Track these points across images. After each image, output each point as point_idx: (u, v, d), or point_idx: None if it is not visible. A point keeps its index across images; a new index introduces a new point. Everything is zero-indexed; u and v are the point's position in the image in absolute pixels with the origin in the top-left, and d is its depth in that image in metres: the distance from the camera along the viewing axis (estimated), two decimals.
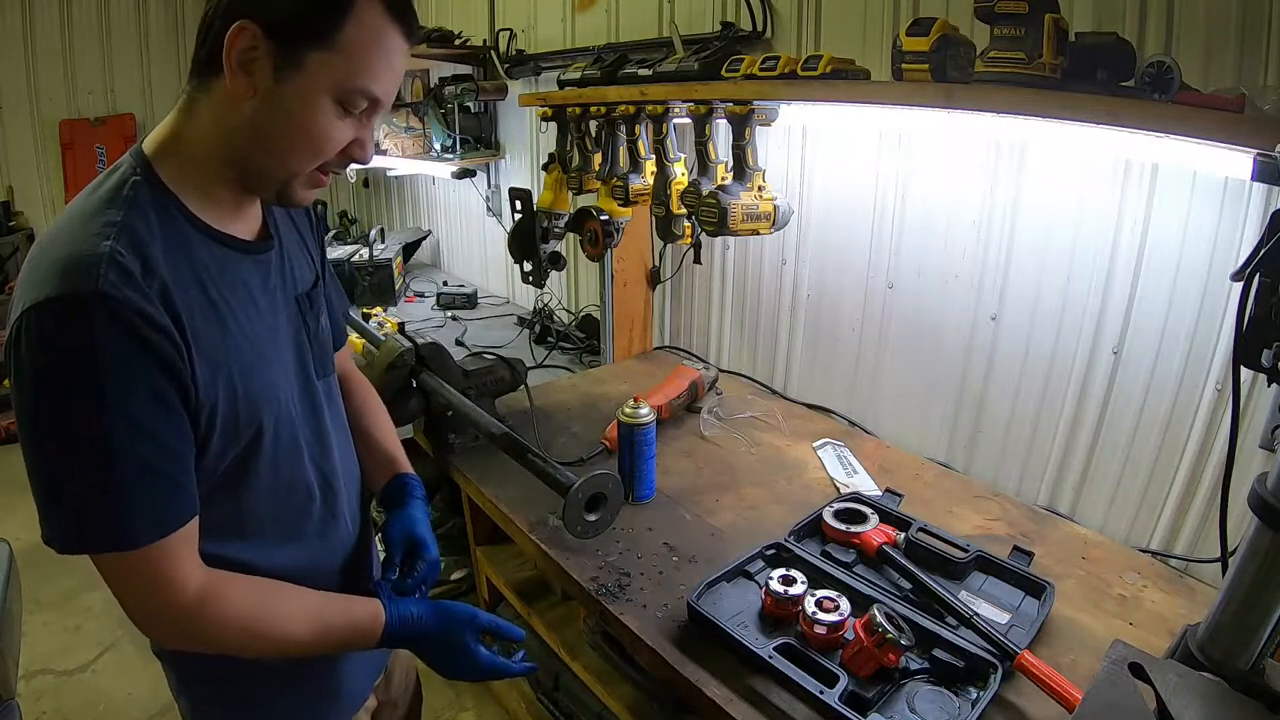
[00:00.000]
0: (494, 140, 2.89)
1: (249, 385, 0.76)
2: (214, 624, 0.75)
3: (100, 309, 0.63)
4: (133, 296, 0.64)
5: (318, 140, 0.73)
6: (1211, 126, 0.85)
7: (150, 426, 0.67)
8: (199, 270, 0.73)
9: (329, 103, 0.71)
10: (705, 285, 2.14)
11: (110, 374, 0.64)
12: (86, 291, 0.62)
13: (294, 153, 0.74)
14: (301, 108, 0.71)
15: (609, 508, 1.26)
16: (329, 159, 0.76)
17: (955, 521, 1.35)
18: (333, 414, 0.94)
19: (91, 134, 4.07)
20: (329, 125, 0.73)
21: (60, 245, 0.66)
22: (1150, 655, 0.81)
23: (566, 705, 1.70)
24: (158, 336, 0.66)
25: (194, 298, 0.71)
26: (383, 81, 0.73)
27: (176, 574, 0.72)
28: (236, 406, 0.75)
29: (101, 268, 0.63)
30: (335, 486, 0.93)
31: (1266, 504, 0.74)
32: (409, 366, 1.49)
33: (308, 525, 0.89)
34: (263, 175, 0.75)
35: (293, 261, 0.89)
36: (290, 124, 0.71)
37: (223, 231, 0.77)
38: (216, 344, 0.73)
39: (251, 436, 0.78)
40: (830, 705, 0.89)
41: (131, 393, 0.65)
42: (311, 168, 0.76)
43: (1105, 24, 1.17)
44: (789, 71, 1.31)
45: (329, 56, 0.69)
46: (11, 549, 1.59)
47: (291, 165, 0.74)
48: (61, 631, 2.29)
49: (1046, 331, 1.41)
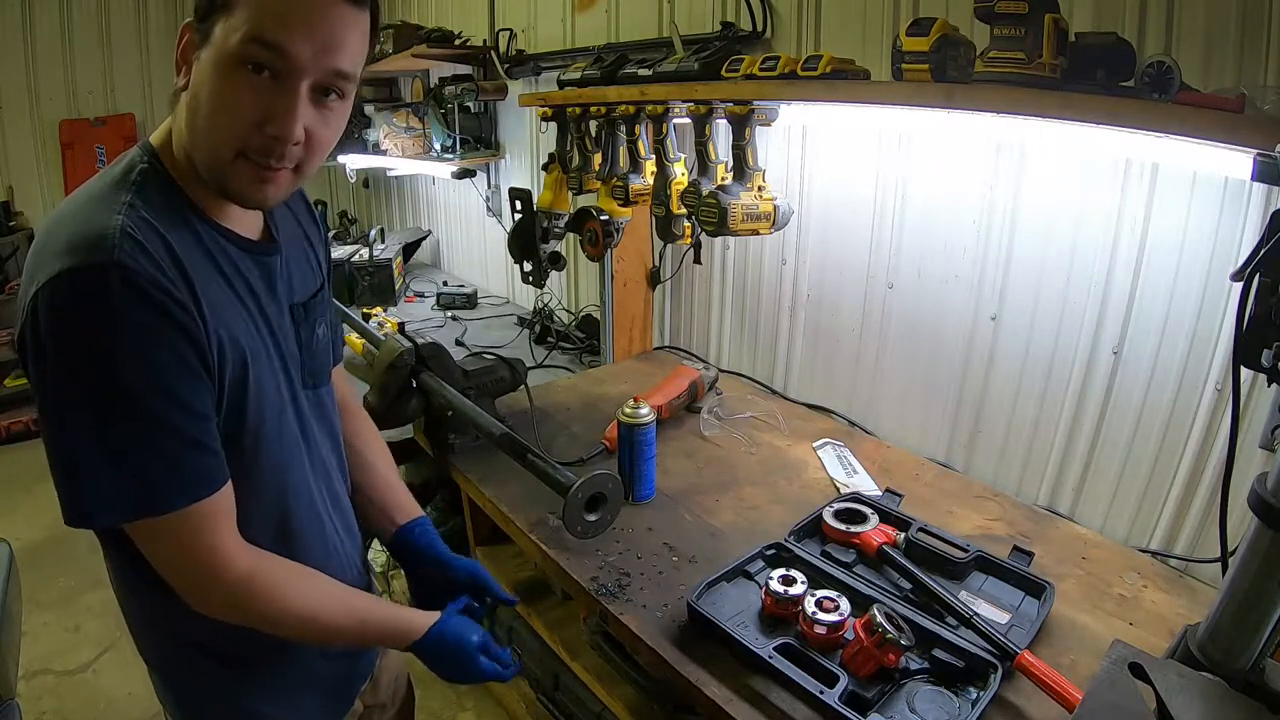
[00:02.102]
0: (494, 140, 2.89)
1: (256, 368, 0.77)
2: (262, 602, 0.77)
3: (118, 278, 0.63)
4: (148, 267, 0.65)
5: (226, 109, 0.68)
6: (1211, 126, 0.85)
7: (176, 390, 0.68)
8: (205, 254, 0.74)
9: (235, 66, 0.67)
10: (705, 285, 2.14)
11: (133, 339, 0.65)
12: (103, 262, 0.63)
13: (210, 131, 0.69)
14: (209, 75, 0.68)
15: (609, 508, 1.26)
16: (249, 138, 0.69)
17: (955, 521, 1.35)
18: (321, 427, 0.93)
19: (91, 134, 4.07)
20: (234, 90, 0.68)
21: (71, 224, 0.67)
22: (1150, 655, 0.81)
23: (566, 705, 1.70)
24: (175, 306, 0.66)
25: (206, 274, 0.72)
26: (289, 29, 0.66)
27: (219, 545, 0.73)
28: (247, 382, 0.76)
29: (116, 238, 0.64)
30: (321, 495, 0.91)
31: (1266, 504, 0.74)
32: (409, 366, 1.49)
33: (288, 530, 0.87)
34: (203, 168, 0.72)
35: (292, 269, 0.88)
36: (201, 97, 0.69)
37: (227, 227, 0.77)
38: (229, 318, 0.73)
39: (247, 423, 0.78)
40: (830, 705, 0.89)
41: (156, 357, 0.66)
42: (233, 148, 0.70)
43: (1105, 24, 1.17)
44: (789, 71, 1.31)
45: (230, 19, 0.67)
46: (11, 549, 1.59)
47: (212, 145, 0.70)
48: (61, 631, 2.29)
49: (1046, 331, 1.41)
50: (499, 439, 1.37)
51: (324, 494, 0.92)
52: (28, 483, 3.04)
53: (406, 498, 1.08)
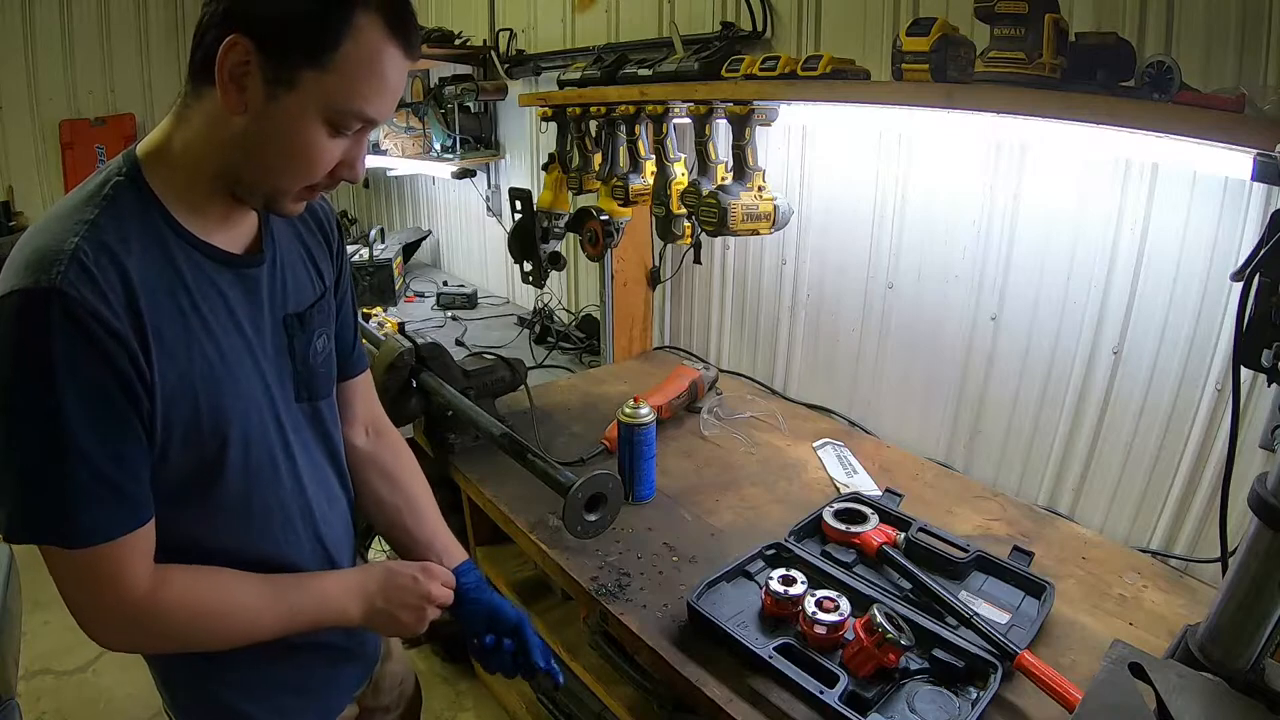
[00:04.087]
0: (494, 140, 2.89)
1: (216, 398, 0.75)
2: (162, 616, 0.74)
3: (55, 305, 0.63)
4: (89, 297, 0.64)
5: (307, 161, 0.72)
6: (1211, 126, 0.85)
7: (96, 428, 0.66)
8: (172, 277, 0.72)
9: (321, 123, 0.70)
10: (705, 285, 2.14)
11: (60, 371, 0.64)
12: (44, 286, 0.63)
13: (283, 171, 0.73)
14: (292, 127, 0.69)
15: (609, 508, 1.26)
16: (321, 179, 0.75)
17: (955, 521, 1.35)
18: (318, 440, 0.92)
19: (91, 134, 4.07)
20: (319, 146, 0.71)
21: (34, 239, 0.67)
22: (1150, 655, 0.81)
23: (566, 705, 1.70)
24: (110, 340, 0.65)
25: (162, 302, 0.70)
26: (378, 103, 0.71)
27: (124, 574, 0.71)
28: (200, 417, 0.74)
29: (63, 264, 0.64)
30: (310, 513, 0.90)
31: (1266, 504, 0.74)
32: (409, 366, 1.49)
33: (277, 549, 0.86)
34: (251, 188, 0.75)
35: (286, 278, 0.86)
36: (280, 142, 0.70)
37: (205, 241, 0.75)
38: (181, 352, 0.72)
39: (217, 449, 0.76)
40: (830, 705, 0.89)
41: (80, 392, 0.65)
42: (300, 186, 0.75)
43: (1105, 24, 1.17)
44: (789, 71, 1.31)
45: (323, 77, 0.67)
46: (11, 549, 1.59)
47: (280, 183, 0.74)
48: (61, 631, 2.29)
49: (1046, 331, 1.41)
50: (499, 439, 1.37)
51: (305, 509, 0.90)
52: None
53: (452, 541, 1.05)
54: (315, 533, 0.91)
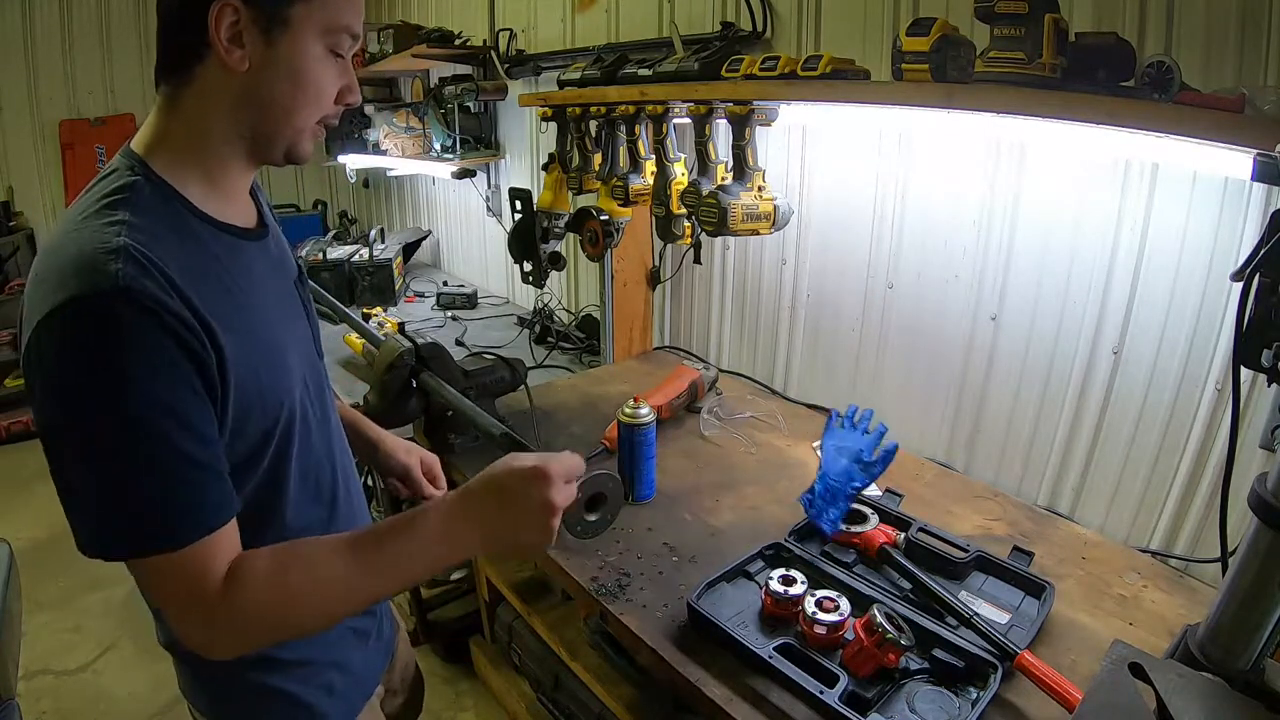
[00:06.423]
0: (494, 140, 2.89)
1: (272, 369, 0.77)
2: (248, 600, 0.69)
3: (124, 304, 0.61)
4: (151, 288, 0.63)
5: (318, 89, 0.75)
6: (1211, 126, 0.85)
7: (188, 418, 0.66)
8: (210, 261, 0.73)
9: (321, 49, 0.74)
10: (705, 285, 2.14)
11: (143, 367, 0.62)
12: (107, 288, 0.61)
13: (300, 108, 0.75)
14: (298, 62, 0.73)
15: (609, 508, 1.26)
16: (330, 110, 0.78)
17: (955, 521, 1.35)
18: (330, 394, 0.96)
19: (91, 134, 4.07)
20: (325, 72, 0.75)
21: (68, 249, 0.64)
22: (1150, 655, 0.81)
23: (566, 705, 1.70)
24: (180, 327, 0.64)
25: (211, 287, 0.71)
26: (357, 15, 0.76)
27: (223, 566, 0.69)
28: (264, 390, 0.75)
29: (118, 263, 0.62)
30: (343, 461, 0.95)
31: (1266, 504, 0.74)
32: (409, 366, 1.49)
33: (325, 505, 0.89)
34: (271, 139, 0.77)
35: (283, 244, 0.92)
36: (290, 80, 0.73)
37: (226, 222, 0.78)
38: (238, 330, 0.72)
39: (275, 419, 0.78)
40: (830, 705, 0.89)
41: (166, 385, 0.64)
42: (316, 120, 0.78)
43: (1105, 24, 1.17)
44: (789, 71, 1.31)
45: (309, 5, 0.71)
46: (11, 549, 1.58)
47: (297, 121, 0.76)
48: (61, 631, 2.29)
49: (1046, 332, 1.41)
50: (499, 439, 1.36)
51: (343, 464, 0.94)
52: (28, 482, 3.05)
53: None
54: (349, 486, 0.95)
